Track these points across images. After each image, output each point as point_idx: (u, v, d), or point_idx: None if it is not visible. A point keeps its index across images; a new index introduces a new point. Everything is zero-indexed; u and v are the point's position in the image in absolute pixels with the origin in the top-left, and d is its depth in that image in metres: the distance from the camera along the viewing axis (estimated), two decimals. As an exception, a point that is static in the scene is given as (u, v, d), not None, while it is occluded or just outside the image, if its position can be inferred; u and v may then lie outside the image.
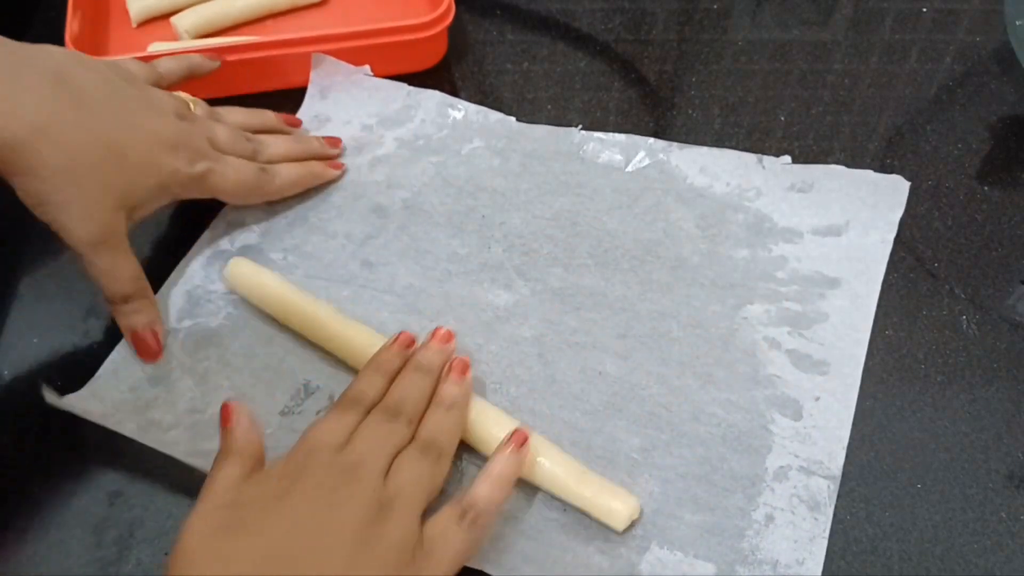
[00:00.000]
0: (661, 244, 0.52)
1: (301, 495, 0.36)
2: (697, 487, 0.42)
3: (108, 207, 0.44)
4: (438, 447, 0.40)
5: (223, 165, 0.49)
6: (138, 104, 0.47)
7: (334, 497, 0.36)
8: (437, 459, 0.40)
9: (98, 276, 0.45)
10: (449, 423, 0.42)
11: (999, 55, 0.63)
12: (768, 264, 0.51)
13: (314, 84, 0.60)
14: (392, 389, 0.42)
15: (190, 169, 0.47)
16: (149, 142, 0.46)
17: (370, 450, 0.38)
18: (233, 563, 0.33)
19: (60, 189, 0.43)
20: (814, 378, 0.46)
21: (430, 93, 0.60)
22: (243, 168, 0.51)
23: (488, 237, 0.53)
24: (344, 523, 0.35)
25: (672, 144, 0.56)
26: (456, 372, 0.44)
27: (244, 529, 0.34)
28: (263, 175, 0.52)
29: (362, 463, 0.38)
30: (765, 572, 0.40)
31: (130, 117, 0.46)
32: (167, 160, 0.46)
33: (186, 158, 0.47)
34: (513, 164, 0.56)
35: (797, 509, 0.42)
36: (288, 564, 0.34)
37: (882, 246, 0.51)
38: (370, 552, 0.35)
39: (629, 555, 0.40)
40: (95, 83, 0.45)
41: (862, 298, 0.49)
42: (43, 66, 0.43)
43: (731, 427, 0.44)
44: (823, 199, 0.53)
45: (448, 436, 0.41)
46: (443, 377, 0.44)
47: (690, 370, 0.47)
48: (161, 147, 0.46)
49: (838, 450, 0.43)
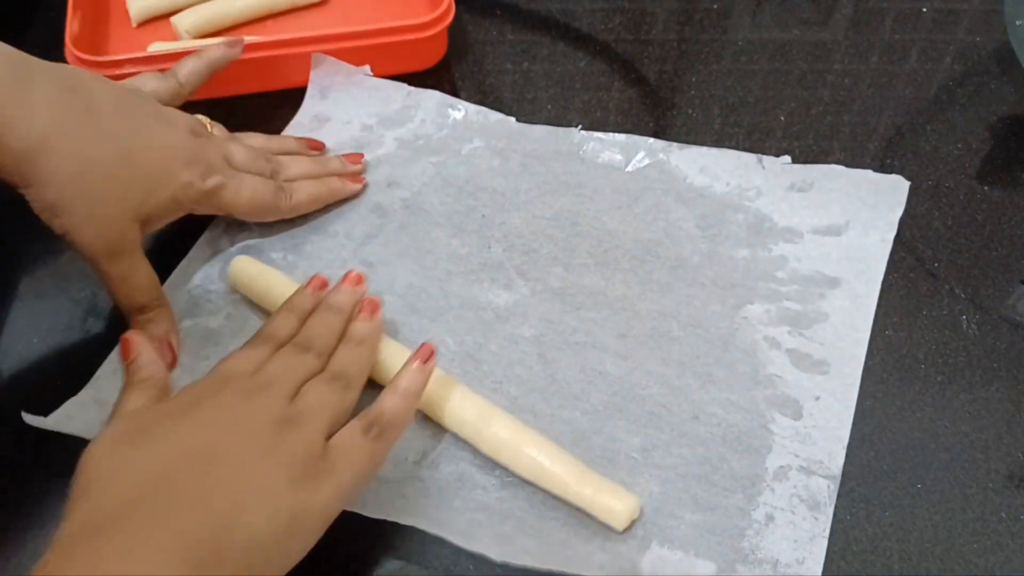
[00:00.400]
0: (661, 244, 0.52)
1: (209, 409, 0.37)
2: (697, 487, 0.42)
3: (121, 217, 0.44)
4: (347, 377, 0.41)
5: (237, 181, 0.49)
6: (151, 119, 0.47)
7: (240, 410, 0.37)
8: (345, 388, 0.40)
9: (113, 286, 0.45)
10: (358, 357, 0.43)
11: (999, 55, 0.63)
12: (768, 264, 0.51)
13: (314, 84, 0.60)
14: (304, 327, 0.43)
15: (203, 183, 0.47)
16: (162, 154, 0.46)
17: (279, 375, 0.39)
18: (138, 466, 0.34)
19: (72, 199, 0.43)
20: (814, 378, 0.46)
21: (430, 93, 0.60)
22: (258, 185, 0.50)
23: (488, 237, 0.53)
24: (248, 431, 0.36)
25: (672, 144, 0.56)
26: (367, 311, 0.45)
27: (150, 436, 0.35)
28: (279, 192, 0.51)
29: (270, 384, 0.39)
30: (765, 571, 0.40)
31: (143, 130, 0.46)
32: (180, 173, 0.46)
33: (199, 172, 0.47)
34: (513, 164, 0.56)
35: (797, 509, 0.42)
36: (189, 466, 0.34)
37: (882, 246, 0.51)
38: (272, 458, 0.35)
39: (630, 553, 0.40)
40: (106, 95, 0.45)
41: (862, 298, 0.49)
42: (54, 77, 0.43)
43: (731, 427, 0.44)
44: (823, 199, 0.53)
45: (357, 368, 0.42)
46: (354, 316, 0.45)
47: (690, 370, 0.47)
48: (174, 160, 0.46)
49: (838, 450, 0.43)
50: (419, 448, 0.44)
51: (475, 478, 0.43)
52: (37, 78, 0.43)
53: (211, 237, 0.53)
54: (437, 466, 0.43)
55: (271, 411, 0.37)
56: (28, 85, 0.42)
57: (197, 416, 0.36)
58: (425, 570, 0.41)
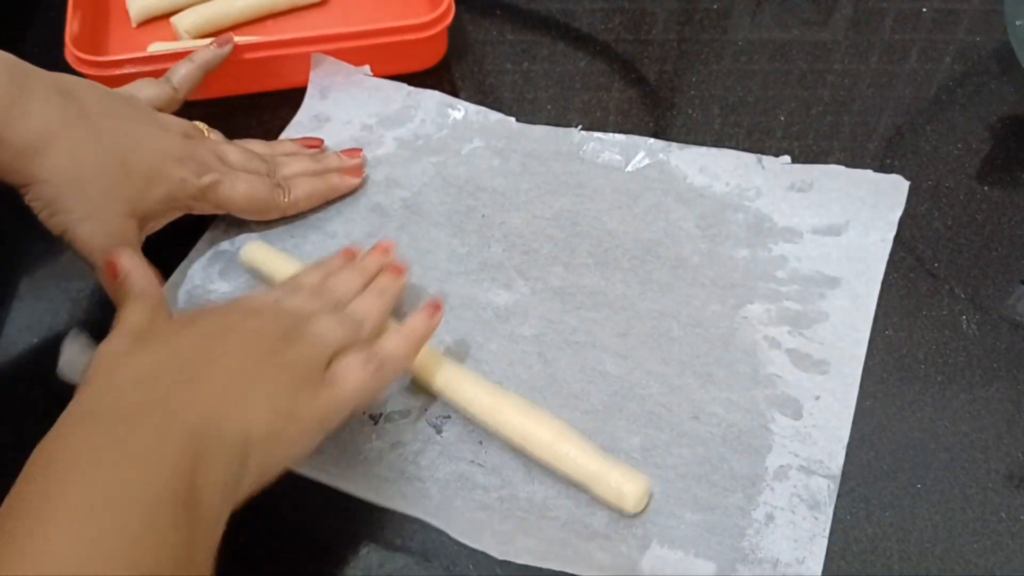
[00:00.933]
0: (661, 244, 0.52)
1: (215, 321, 0.39)
2: (697, 486, 0.42)
3: (118, 214, 0.45)
4: (359, 320, 0.42)
5: (232, 178, 0.50)
6: (143, 123, 0.48)
7: (247, 321, 0.39)
8: (355, 326, 0.42)
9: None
10: (376, 305, 0.44)
11: (999, 55, 0.63)
12: (768, 264, 0.51)
13: (314, 84, 0.60)
14: (328, 278, 0.45)
15: (198, 180, 0.48)
16: (155, 154, 0.47)
17: (290, 307, 0.41)
18: (144, 361, 0.35)
19: (70, 197, 0.44)
20: (814, 377, 0.46)
21: (430, 93, 0.60)
22: (255, 181, 0.51)
23: (488, 237, 0.53)
24: (255, 336, 0.38)
25: (672, 144, 0.56)
26: (392, 269, 0.46)
27: (156, 340, 0.37)
28: (277, 189, 0.52)
29: (280, 310, 0.40)
30: (765, 571, 0.40)
31: (135, 132, 0.47)
32: (174, 171, 0.47)
33: (193, 170, 0.48)
34: (513, 164, 0.56)
35: (797, 508, 0.42)
36: (192, 364, 0.36)
37: (882, 245, 0.51)
38: (274, 363, 0.37)
39: (630, 553, 0.40)
40: (99, 100, 0.46)
41: (862, 298, 0.49)
42: (49, 82, 0.44)
43: (731, 426, 0.44)
44: (823, 199, 0.53)
45: (373, 315, 0.43)
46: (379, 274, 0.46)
47: (690, 369, 0.47)
48: (167, 159, 0.47)
49: (838, 449, 0.43)
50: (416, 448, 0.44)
51: (475, 478, 0.43)
52: (34, 82, 0.44)
53: (211, 237, 0.53)
54: (437, 467, 0.43)
55: (279, 324, 0.39)
56: (26, 87, 0.43)
57: (203, 325, 0.38)
58: (425, 570, 0.41)
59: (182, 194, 0.47)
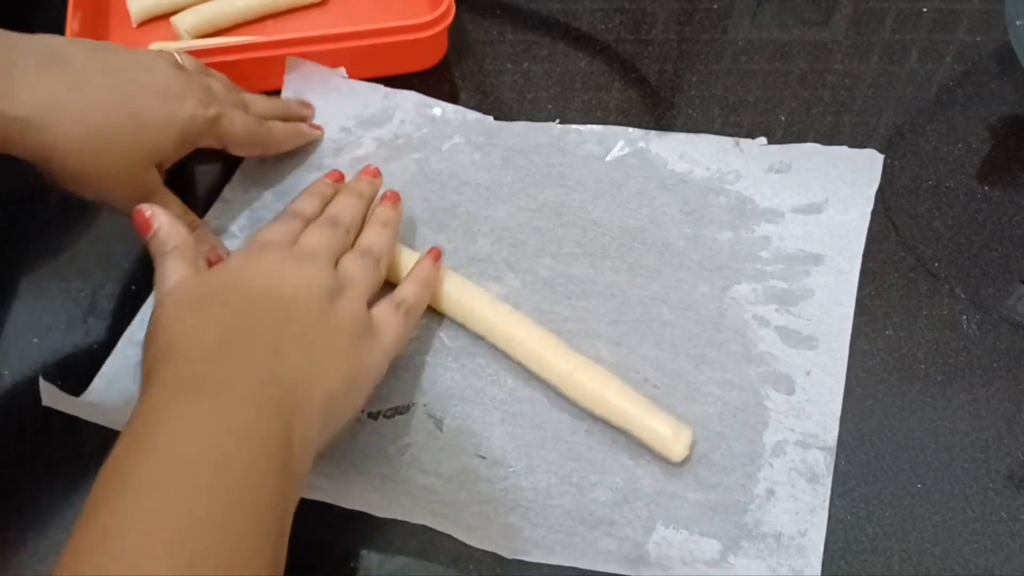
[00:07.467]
0: (647, 230, 0.52)
1: (258, 274, 0.40)
2: (698, 466, 0.43)
3: (144, 167, 0.46)
4: (376, 253, 0.45)
5: (231, 111, 0.50)
6: (131, 65, 0.47)
7: (294, 277, 0.41)
8: (375, 264, 0.45)
9: None
10: (384, 237, 0.47)
11: (999, 55, 0.63)
12: (752, 244, 0.51)
13: (288, 88, 0.59)
14: (329, 207, 0.47)
15: (205, 112, 0.48)
16: (159, 96, 0.47)
17: (318, 246, 0.43)
18: (208, 329, 0.37)
19: (93, 166, 0.44)
20: (804, 353, 0.47)
21: (407, 94, 0.59)
22: (246, 117, 0.52)
23: (475, 231, 0.53)
24: (307, 297, 0.40)
25: (650, 132, 0.57)
26: (389, 199, 0.49)
27: (210, 302, 0.39)
28: (262, 126, 0.53)
29: (313, 255, 0.42)
30: (769, 545, 0.40)
31: (133, 79, 0.46)
32: (181, 108, 0.47)
33: (198, 102, 0.48)
34: (495, 158, 0.56)
35: (796, 482, 0.42)
36: (256, 328, 0.37)
37: (861, 220, 0.52)
38: (332, 324, 0.40)
39: (635, 536, 0.41)
40: (88, 55, 0.46)
41: (845, 273, 0.50)
42: (37, 46, 0.44)
43: (727, 405, 0.45)
44: (802, 178, 0.54)
45: (384, 247, 0.46)
46: (378, 203, 0.49)
47: (683, 352, 0.47)
48: (171, 98, 0.47)
49: (832, 422, 0.44)
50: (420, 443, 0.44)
51: (479, 471, 0.43)
52: (24, 51, 0.43)
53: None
54: (440, 461, 0.44)
55: (323, 281, 0.41)
56: (17, 60, 0.43)
57: (249, 281, 0.40)
58: (426, 570, 0.41)
59: (192, 129, 0.48)
